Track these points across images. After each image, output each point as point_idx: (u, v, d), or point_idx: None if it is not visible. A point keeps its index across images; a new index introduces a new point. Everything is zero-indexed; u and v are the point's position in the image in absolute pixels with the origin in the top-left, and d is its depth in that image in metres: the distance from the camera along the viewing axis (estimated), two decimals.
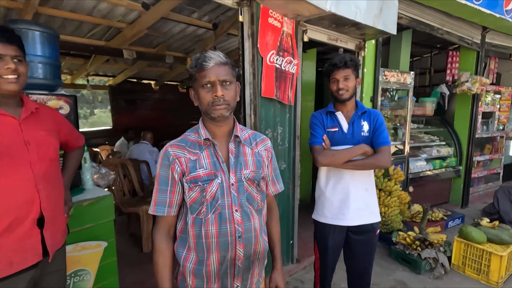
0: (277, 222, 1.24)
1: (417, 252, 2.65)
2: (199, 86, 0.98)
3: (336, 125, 1.62)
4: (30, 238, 1.08)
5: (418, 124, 4.31)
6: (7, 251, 1.03)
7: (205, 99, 0.97)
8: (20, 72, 1.06)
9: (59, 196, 1.23)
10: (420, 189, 3.90)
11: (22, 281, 1.08)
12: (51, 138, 1.19)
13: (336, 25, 2.44)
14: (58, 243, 1.21)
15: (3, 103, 1.07)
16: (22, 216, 1.06)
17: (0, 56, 1.02)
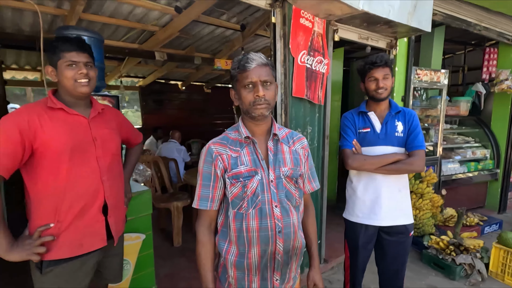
0: (314, 220, 1.26)
1: (451, 257, 2.55)
2: (241, 87, 1.02)
3: (368, 126, 1.60)
4: (96, 223, 1.22)
5: (451, 125, 4.13)
6: (78, 234, 1.18)
7: (246, 99, 1.02)
8: (91, 76, 1.20)
9: (120, 187, 1.35)
10: (452, 193, 3.73)
11: (90, 261, 1.23)
12: (114, 135, 1.32)
13: (368, 23, 2.41)
14: (120, 230, 1.35)
15: (76, 104, 1.21)
16: (90, 203, 1.19)
17: (75, 63, 1.15)
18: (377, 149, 1.57)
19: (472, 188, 4.07)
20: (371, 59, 1.56)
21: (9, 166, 1.05)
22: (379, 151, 1.56)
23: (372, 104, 1.63)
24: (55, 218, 1.14)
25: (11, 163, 1.06)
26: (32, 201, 1.15)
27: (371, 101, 1.63)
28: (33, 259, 1.09)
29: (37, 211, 1.15)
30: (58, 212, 1.14)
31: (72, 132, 1.16)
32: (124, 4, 2.74)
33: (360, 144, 1.61)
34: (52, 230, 1.14)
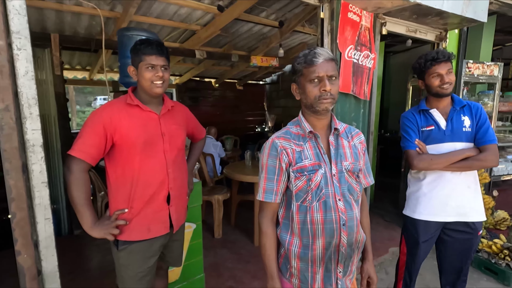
0: (367, 214, 1.27)
1: (505, 262, 2.41)
2: (307, 81, 1.04)
3: (432, 123, 1.57)
4: (161, 211, 1.32)
5: (503, 122, 3.85)
6: (147, 220, 1.29)
7: (312, 93, 1.03)
8: (165, 78, 1.29)
9: (183, 179, 1.44)
10: (504, 194, 3.48)
11: (156, 243, 1.35)
12: (180, 131, 1.42)
13: (418, 15, 2.32)
14: (182, 219, 1.45)
15: (149, 101, 1.31)
16: (157, 193, 1.30)
17: (153, 66, 1.24)
18: (445, 146, 1.53)
19: None
20: (432, 55, 1.52)
21: (95, 155, 1.19)
22: (447, 148, 1.52)
23: (433, 101, 1.59)
24: (129, 204, 1.26)
25: (96, 153, 1.19)
26: (111, 187, 1.28)
27: (433, 98, 1.58)
28: (109, 238, 1.23)
29: (115, 196, 1.28)
30: (132, 199, 1.26)
31: (145, 127, 1.26)
32: (171, 5, 2.86)
33: (425, 142, 1.58)
34: (126, 215, 1.27)
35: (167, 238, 1.40)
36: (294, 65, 1.08)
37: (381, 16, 2.27)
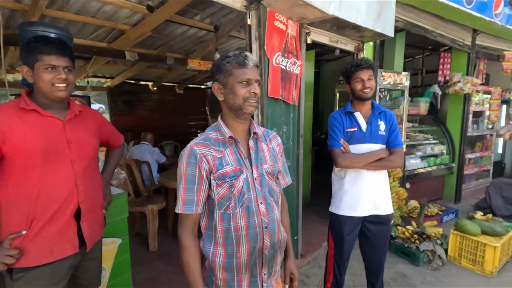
0: (287, 213, 1.33)
1: (415, 245, 2.77)
2: (236, 82, 1.02)
3: (355, 125, 1.73)
4: (68, 229, 1.17)
5: (412, 123, 4.46)
6: (49, 241, 1.13)
7: (241, 94, 1.02)
8: (70, 81, 1.16)
9: (97, 191, 1.30)
10: (415, 186, 4.03)
11: (63, 267, 1.19)
12: (91, 138, 1.28)
13: (338, 27, 2.54)
14: (97, 235, 1.30)
15: (49, 106, 1.16)
16: (63, 209, 1.15)
17: (54, 67, 1.11)
18: (364, 146, 1.70)
19: (432, 181, 4.42)
20: (356, 62, 1.69)
21: None
22: (366, 148, 1.69)
23: (357, 104, 1.76)
24: (26, 225, 1.09)
25: None
26: (1, 207, 1.09)
27: (357, 102, 1.75)
28: (0, 268, 1.04)
29: (8, 217, 1.09)
30: (30, 219, 1.09)
31: (45, 134, 1.11)
32: (92, 1, 2.63)
33: (348, 142, 1.73)
34: (22, 237, 1.09)
35: (78, 258, 1.25)
36: (221, 64, 1.05)
37: (306, 26, 2.43)
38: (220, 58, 1.07)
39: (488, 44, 4.45)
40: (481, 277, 2.56)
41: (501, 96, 4.84)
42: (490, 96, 4.87)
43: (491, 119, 4.80)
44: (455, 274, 2.61)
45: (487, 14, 3.49)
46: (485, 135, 5.13)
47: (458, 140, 4.47)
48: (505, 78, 4.46)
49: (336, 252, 1.86)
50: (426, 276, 2.57)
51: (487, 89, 4.86)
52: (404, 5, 3.16)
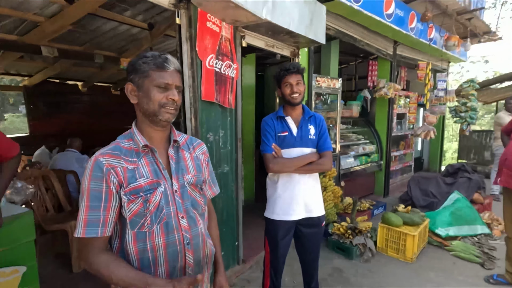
0: (216, 225, 1.26)
1: (349, 240, 2.95)
2: (153, 85, 0.93)
3: (286, 130, 1.74)
4: None
5: (346, 125, 4.79)
6: None
7: (157, 99, 0.93)
8: None
9: None
10: (350, 183, 4.34)
11: None
12: None
13: (272, 32, 2.58)
14: None
15: None
16: None
17: None
18: (295, 150, 1.72)
19: (364, 178, 4.81)
20: (285, 66, 1.70)
21: None
22: (297, 152, 1.71)
23: (288, 109, 1.77)
24: None
25: None
26: None
27: (288, 106, 1.76)
28: None
29: None
30: None
31: None
32: None
33: (280, 146, 1.73)
34: None
35: None
36: (137, 64, 0.94)
37: (241, 29, 2.41)
38: (137, 57, 0.96)
39: (406, 54, 5.02)
40: (404, 264, 2.83)
41: (418, 100, 5.51)
42: (409, 100, 5.51)
43: (410, 121, 5.42)
44: (383, 263, 2.85)
45: (404, 28, 3.93)
46: (407, 135, 5.78)
47: (385, 140, 4.95)
48: (421, 84, 5.09)
49: (272, 256, 1.86)
50: (359, 268, 2.75)
51: (407, 94, 5.48)
52: (334, 14, 3.37)
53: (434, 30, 4.60)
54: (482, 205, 3.95)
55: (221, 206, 2.41)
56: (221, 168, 2.38)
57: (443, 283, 2.51)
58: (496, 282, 2.48)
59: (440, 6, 4.21)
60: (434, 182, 4.16)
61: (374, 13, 3.35)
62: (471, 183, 4.02)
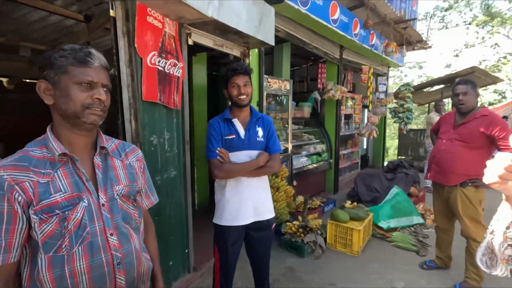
0: (154, 237, 1.16)
1: (301, 238, 3.01)
2: (73, 82, 0.81)
3: (233, 132, 1.68)
4: None
5: (298, 126, 4.93)
6: None
7: (79, 99, 0.82)
8: None
9: None
10: (303, 182, 4.47)
11: None
12: None
13: (221, 31, 2.51)
14: None
15: None
16: None
17: None
18: (243, 153, 1.67)
19: (316, 177, 5.00)
20: (232, 67, 1.64)
21: None
22: (245, 155, 1.67)
23: (235, 111, 1.71)
24: None
25: None
26: None
27: (235, 108, 1.70)
28: None
29: None
30: None
31: None
32: None
33: (227, 149, 1.66)
34: None
35: None
36: (53, 58, 0.81)
37: (186, 26, 2.30)
38: (54, 50, 0.83)
39: (351, 59, 5.34)
40: (351, 257, 2.98)
41: (362, 102, 5.90)
42: (355, 101, 5.88)
43: (356, 121, 5.79)
44: (333, 259, 2.97)
45: (349, 33, 4.16)
46: (354, 134, 6.15)
47: (334, 139, 5.20)
48: (365, 87, 5.46)
49: (222, 263, 1.80)
50: (310, 265, 2.82)
51: (353, 96, 5.84)
52: (283, 17, 3.42)
53: (375, 37, 4.97)
54: (417, 197, 4.37)
55: (169, 213, 2.27)
56: (168, 172, 2.24)
57: (385, 273, 2.69)
58: (428, 267, 2.74)
59: (380, 15, 4.55)
60: (377, 178, 4.49)
61: (321, 18, 3.48)
62: (408, 178, 4.42)
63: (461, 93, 2.29)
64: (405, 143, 8.39)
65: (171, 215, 2.30)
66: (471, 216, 2.30)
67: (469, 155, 2.27)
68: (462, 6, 15.84)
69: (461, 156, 2.29)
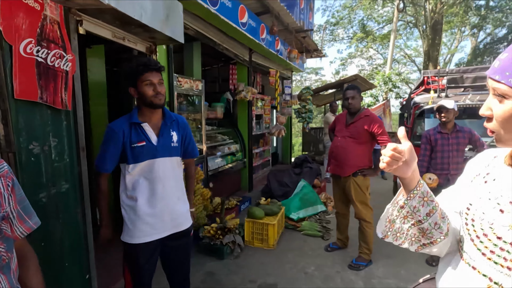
0: (37, 270, 0.93)
1: (220, 240, 2.98)
2: None
3: (143, 139, 1.46)
4: None
5: (212, 126, 4.88)
6: None
7: None
8: None
9: None
10: (219, 183, 4.44)
11: None
12: None
13: (121, 22, 2.22)
14: None
15: None
16: None
17: None
18: (157, 161, 1.48)
19: (232, 176, 5.06)
20: (143, 61, 1.43)
21: None
22: (160, 163, 1.49)
23: (146, 113, 1.50)
24: None
25: None
26: None
27: (146, 109, 1.49)
28: None
29: None
30: None
31: None
32: None
33: (137, 158, 1.45)
34: None
35: None
36: None
37: (75, 12, 1.94)
38: None
39: (260, 62, 5.62)
40: (268, 251, 3.13)
41: (271, 103, 6.30)
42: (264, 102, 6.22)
43: (266, 121, 6.14)
44: (251, 255, 3.05)
45: (257, 38, 4.35)
46: (265, 133, 6.51)
47: (247, 139, 5.37)
48: (273, 89, 5.83)
49: (135, 285, 1.59)
50: (230, 266, 2.82)
51: (262, 97, 6.16)
52: (193, 14, 3.31)
53: (280, 43, 5.36)
54: (320, 188, 4.95)
55: (61, 235, 1.88)
56: (57, 187, 1.85)
57: (298, 261, 2.93)
58: (331, 249, 3.12)
59: (283, 23, 4.93)
60: (287, 173, 4.86)
61: (230, 19, 3.51)
62: (312, 171, 4.95)
63: (350, 97, 2.70)
64: (308, 140, 9.40)
65: (64, 237, 1.90)
66: (361, 200, 2.74)
67: (358, 149, 2.69)
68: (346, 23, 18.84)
69: (352, 151, 2.69)
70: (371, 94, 13.01)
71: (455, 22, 15.53)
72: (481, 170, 0.72)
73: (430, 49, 13.22)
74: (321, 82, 21.17)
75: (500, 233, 0.60)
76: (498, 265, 0.60)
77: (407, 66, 20.91)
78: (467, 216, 0.68)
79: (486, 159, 0.74)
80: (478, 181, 0.71)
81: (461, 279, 0.67)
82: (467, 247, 0.67)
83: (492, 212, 0.63)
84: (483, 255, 0.62)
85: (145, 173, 1.49)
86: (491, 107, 0.62)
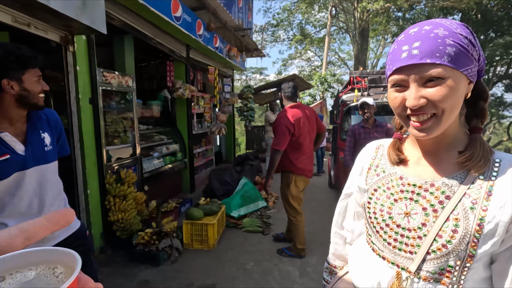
0: None
1: (155, 246, 2.81)
2: None
3: (5, 151, 1.16)
4: None
5: (148, 126, 4.59)
6: None
7: None
8: None
9: None
10: (157, 185, 4.20)
11: None
12: None
13: (23, 5, 1.93)
14: None
15: None
16: None
17: None
18: (30, 172, 1.23)
19: (172, 178, 4.84)
20: (22, 52, 1.14)
21: None
22: (34, 174, 1.24)
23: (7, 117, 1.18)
24: None
25: None
26: None
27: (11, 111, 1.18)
28: None
29: None
30: None
31: None
32: None
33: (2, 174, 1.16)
34: None
35: None
36: None
37: None
38: None
39: (199, 59, 5.48)
40: (208, 252, 3.07)
41: (211, 101, 6.21)
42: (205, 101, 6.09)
43: (207, 120, 6.03)
44: (190, 258, 2.95)
45: (193, 33, 4.22)
46: (206, 132, 6.38)
47: (187, 138, 5.20)
48: (213, 86, 5.74)
49: None
50: (166, 272, 2.68)
51: (203, 95, 6.03)
52: (120, 4, 3.04)
53: (219, 40, 5.30)
54: (261, 184, 5.05)
55: None
56: None
57: (238, 258, 2.94)
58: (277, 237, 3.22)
59: (221, 20, 4.88)
60: (228, 172, 4.84)
61: (161, 12, 3.33)
62: (253, 169, 5.02)
63: None
64: (251, 138, 9.54)
65: None
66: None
67: None
68: (286, 25, 19.65)
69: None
70: (309, 94, 13.82)
71: (379, 30, 17.43)
72: (370, 163, 0.79)
73: (360, 53, 14.64)
74: (265, 81, 21.76)
75: (398, 221, 0.66)
76: (402, 251, 0.65)
77: (341, 68, 22.80)
78: (369, 210, 0.73)
79: (370, 152, 0.81)
80: (371, 174, 0.77)
81: (374, 270, 0.71)
82: (375, 239, 0.72)
83: (388, 203, 0.69)
84: (389, 244, 0.67)
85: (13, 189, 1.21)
86: (423, 95, 0.57)
